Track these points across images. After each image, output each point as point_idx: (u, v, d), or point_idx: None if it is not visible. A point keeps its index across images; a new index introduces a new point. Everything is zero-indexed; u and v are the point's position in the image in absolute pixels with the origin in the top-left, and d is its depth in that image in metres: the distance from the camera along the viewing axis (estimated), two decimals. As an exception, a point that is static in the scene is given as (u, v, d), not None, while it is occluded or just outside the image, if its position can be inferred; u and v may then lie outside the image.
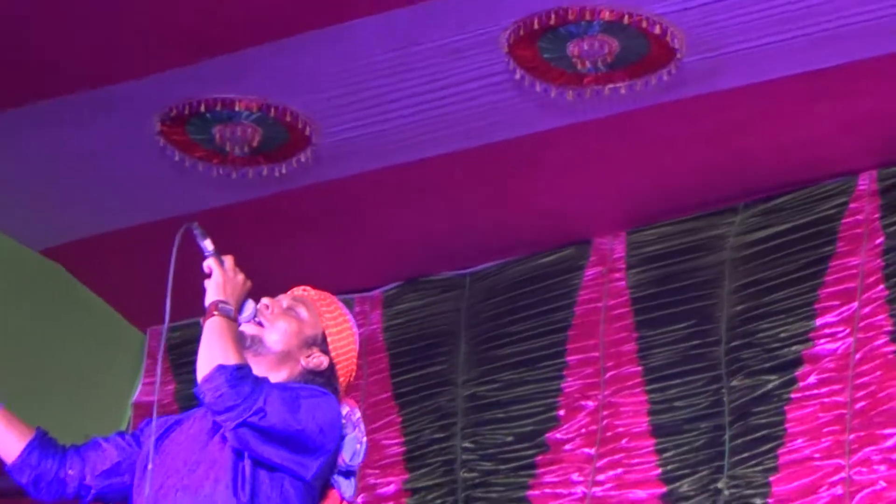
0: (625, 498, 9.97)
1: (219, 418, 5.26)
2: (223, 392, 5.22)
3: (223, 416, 5.23)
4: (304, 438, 5.36)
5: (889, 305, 9.51)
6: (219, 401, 5.21)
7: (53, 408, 10.28)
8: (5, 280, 10.74)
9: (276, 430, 5.27)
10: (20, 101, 9.32)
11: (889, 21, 8.57)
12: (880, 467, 9.27)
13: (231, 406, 5.18)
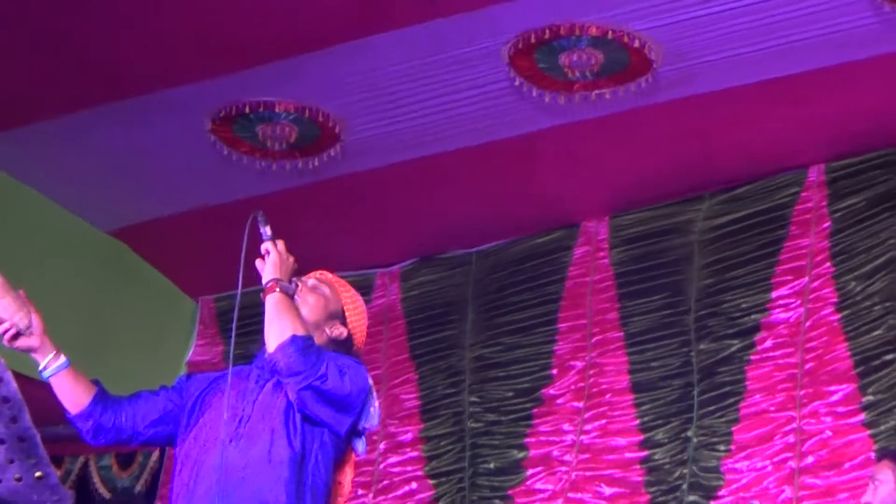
0: (608, 444, 10.03)
1: (288, 380, 5.40)
2: (295, 359, 5.37)
3: (292, 378, 5.39)
4: (347, 401, 5.50)
5: (834, 280, 9.60)
6: (291, 366, 5.37)
7: (119, 365, 10.29)
8: (77, 256, 10.78)
9: (330, 393, 5.42)
10: (95, 103, 9.37)
11: (835, 37, 8.65)
12: (826, 419, 9.38)
13: (299, 371, 5.35)
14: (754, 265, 9.96)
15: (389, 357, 11.01)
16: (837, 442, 9.22)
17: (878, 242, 9.55)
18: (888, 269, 9.45)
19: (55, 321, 10.32)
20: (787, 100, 9.26)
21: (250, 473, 5.43)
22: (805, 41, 8.76)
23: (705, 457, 9.70)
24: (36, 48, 8.96)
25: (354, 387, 5.50)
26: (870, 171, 9.74)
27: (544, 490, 10.13)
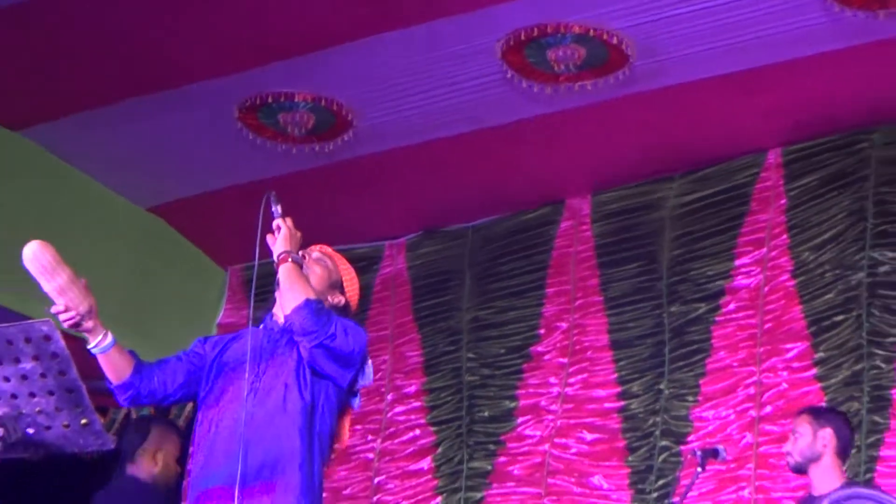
0: (589, 395, 10.07)
1: (301, 338, 5.54)
2: (308, 319, 5.49)
3: (306, 337, 5.53)
4: (351, 357, 5.63)
5: (790, 251, 9.64)
6: (304, 326, 5.51)
7: (158, 327, 10.38)
8: (118, 231, 10.76)
9: (338, 350, 5.55)
10: (137, 93, 9.41)
11: (790, 35, 8.68)
12: (783, 373, 9.43)
13: (312, 330, 5.49)
14: (719, 237, 9.99)
15: (396, 318, 11.02)
16: (793, 393, 9.26)
17: (829, 217, 9.58)
18: (837, 240, 9.47)
19: (100, 290, 10.43)
20: (747, 91, 9.28)
21: (267, 422, 5.54)
22: (763, 38, 8.77)
23: (676, 406, 9.73)
24: (86, 44, 8.99)
25: (357, 346, 5.64)
26: (822, 153, 9.75)
27: (533, 436, 10.17)
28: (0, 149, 9.91)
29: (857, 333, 9.22)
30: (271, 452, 5.50)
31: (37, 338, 5.02)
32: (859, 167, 9.57)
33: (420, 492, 10.48)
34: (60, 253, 9.31)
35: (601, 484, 9.85)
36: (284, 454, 5.50)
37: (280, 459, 5.49)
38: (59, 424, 5.18)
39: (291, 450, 5.50)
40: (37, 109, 9.71)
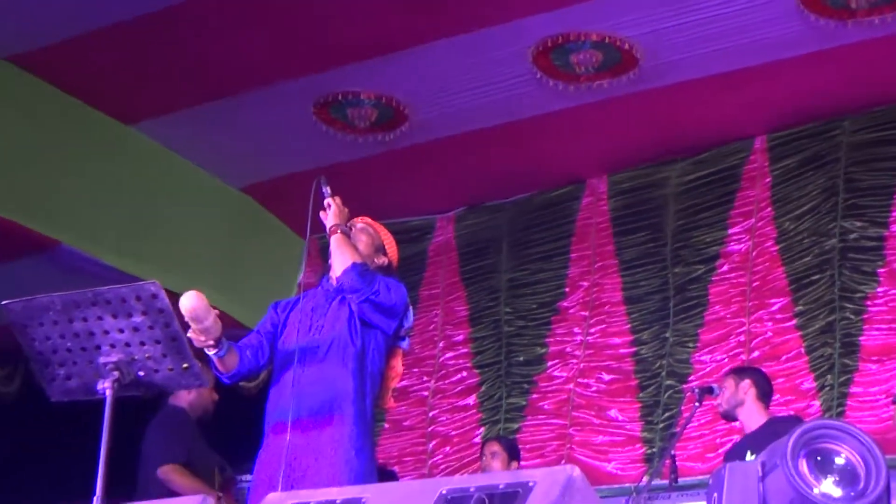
0: (607, 343, 10.12)
1: (351, 296, 5.67)
2: (355, 279, 5.61)
3: (355, 294, 5.66)
4: (394, 309, 5.74)
5: (774, 221, 9.67)
6: (353, 285, 5.62)
7: (249, 287, 10.53)
8: (216, 208, 10.80)
9: (382, 304, 5.66)
10: (233, 92, 9.51)
11: (773, 41, 8.75)
12: (768, 323, 9.48)
13: (359, 288, 5.61)
14: (714, 210, 10.00)
15: (446, 279, 11.04)
16: (776, 340, 9.34)
17: (806, 193, 9.61)
18: (813, 212, 9.50)
19: (201, 256, 10.53)
20: (737, 87, 9.27)
21: (325, 366, 5.65)
22: (750, 43, 8.80)
23: (678, 352, 9.78)
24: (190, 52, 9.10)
25: (398, 299, 5.76)
26: (800, 139, 9.76)
27: (560, 377, 10.22)
28: (116, 141, 9.95)
29: (831, 290, 9.24)
30: (330, 391, 5.61)
31: (146, 296, 5.05)
32: (832, 150, 9.56)
33: (467, 423, 10.50)
34: (170, 227, 9.40)
35: (617, 416, 9.89)
36: (340, 392, 5.61)
37: (337, 397, 5.60)
38: (165, 368, 5.21)
39: (345, 388, 5.61)
40: (148, 106, 9.78)
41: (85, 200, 9.71)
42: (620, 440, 9.82)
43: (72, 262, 9.56)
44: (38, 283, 5.89)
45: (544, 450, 10.01)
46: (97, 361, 5.18)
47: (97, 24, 8.74)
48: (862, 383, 8.92)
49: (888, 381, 8.74)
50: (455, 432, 10.55)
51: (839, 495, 3.73)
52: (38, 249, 9.51)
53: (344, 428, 5.57)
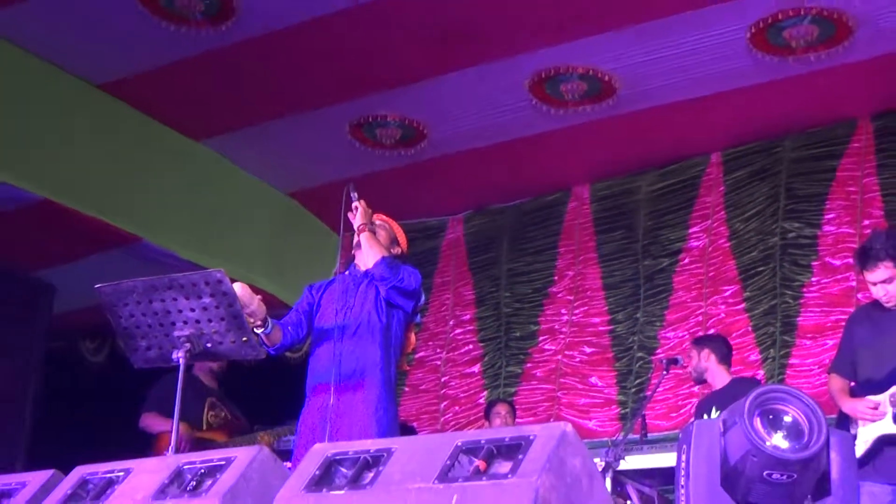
0: (589, 322, 10.05)
1: (381, 283, 5.68)
2: (385, 270, 5.63)
3: (384, 282, 5.68)
4: (413, 292, 5.78)
5: (726, 222, 9.59)
6: (383, 275, 5.65)
7: (294, 275, 10.38)
8: (265, 210, 10.77)
9: (405, 288, 5.68)
10: (280, 114, 9.52)
11: (726, 73, 8.69)
12: (721, 307, 9.41)
13: (388, 277, 5.64)
14: (678, 212, 9.92)
15: (456, 269, 10.97)
16: (728, 320, 9.27)
17: (753, 199, 9.53)
18: (759, 215, 9.43)
19: (252, 248, 10.47)
20: (698, 111, 9.22)
21: (357, 339, 5.66)
22: (709, 75, 8.76)
23: (648, 329, 9.72)
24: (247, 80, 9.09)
25: (416, 283, 5.80)
26: (749, 155, 9.67)
27: (549, 349, 10.17)
28: (186, 154, 9.98)
29: (773, 279, 9.19)
30: (361, 360, 5.63)
31: (212, 281, 5.07)
32: (775, 164, 9.50)
33: (472, 387, 10.46)
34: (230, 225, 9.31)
35: (596, 382, 9.85)
36: (370, 362, 5.63)
37: (367, 365, 5.62)
38: (228, 341, 5.23)
39: (374, 358, 5.65)
40: (213, 125, 9.80)
41: (161, 203, 9.76)
42: (600, 402, 9.76)
43: (151, 254, 9.61)
44: (123, 271, 5.94)
45: (536, 409, 9.95)
46: (172, 335, 5.20)
47: (170, 58, 8.78)
48: (799, 356, 8.89)
49: (820, 354, 8.70)
50: (463, 395, 10.51)
51: (787, 447, 3.71)
52: (123, 244, 9.56)
53: (373, 391, 5.60)
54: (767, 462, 3.65)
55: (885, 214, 8.86)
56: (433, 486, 3.43)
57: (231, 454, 3.98)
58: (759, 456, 3.65)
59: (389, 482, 3.53)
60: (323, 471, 3.70)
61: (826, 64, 8.47)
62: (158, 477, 4.04)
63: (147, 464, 4.23)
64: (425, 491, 3.42)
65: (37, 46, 8.73)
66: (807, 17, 8.02)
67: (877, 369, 5.67)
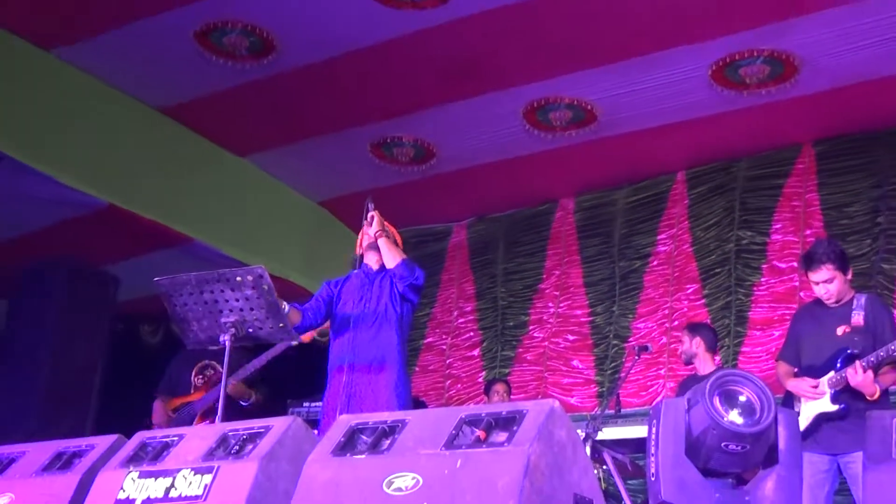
0: (572, 313, 9.98)
1: (401, 281, 5.65)
2: (404, 270, 5.61)
3: (402, 280, 5.65)
4: (421, 288, 5.75)
5: (690, 231, 9.55)
6: (402, 274, 5.63)
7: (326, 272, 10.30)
8: (299, 217, 10.73)
9: (417, 285, 5.65)
10: (312, 134, 9.50)
11: (689, 104, 8.69)
12: (685, 302, 9.38)
13: (406, 276, 5.61)
14: (648, 223, 9.86)
15: (459, 268, 10.91)
16: (690, 314, 9.21)
17: (713, 210, 9.49)
18: (717, 224, 9.40)
19: (288, 252, 10.44)
20: (665, 136, 9.19)
21: (375, 327, 5.66)
22: (676, 106, 8.74)
23: (622, 321, 9.67)
24: (281, 105, 9.08)
25: (423, 280, 5.78)
26: (709, 174, 9.63)
27: (538, 336, 10.12)
28: (231, 168, 9.99)
29: (728, 279, 9.16)
30: (381, 346, 5.63)
31: (254, 276, 5.07)
32: (731, 181, 9.47)
33: (473, 369, 10.42)
34: (269, 228, 9.25)
35: (578, 365, 9.80)
36: (387, 346, 5.63)
37: (387, 351, 5.62)
38: (267, 327, 5.21)
39: (391, 343, 5.64)
40: (254, 142, 9.79)
41: (210, 209, 9.77)
42: (580, 382, 9.73)
43: (201, 253, 9.62)
44: (177, 267, 5.92)
45: (527, 388, 9.90)
46: (220, 321, 5.20)
47: (220, 87, 8.83)
48: (750, 345, 8.88)
49: (768, 343, 8.69)
50: (464, 375, 10.47)
51: (741, 422, 3.71)
52: (178, 243, 9.59)
53: (392, 373, 5.59)
54: (725, 435, 3.65)
55: (825, 225, 8.84)
56: (441, 452, 3.44)
57: (269, 423, 3.98)
58: (718, 430, 3.65)
59: (404, 448, 3.55)
60: (347, 438, 3.72)
61: (775, 97, 8.48)
62: (207, 442, 4.04)
63: (198, 430, 4.23)
64: (434, 456, 3.44)
65: (106, 75, 8.78)
66: (759, 58, 8.04)
67: (817, 357, 5.68)
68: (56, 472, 4.39)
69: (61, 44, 8.33)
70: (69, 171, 8.61)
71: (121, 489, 3.99)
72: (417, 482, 3.36)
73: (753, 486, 3.76)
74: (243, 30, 8.06)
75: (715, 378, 3.76)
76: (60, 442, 4.63)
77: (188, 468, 3.89)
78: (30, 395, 8.92)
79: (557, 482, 3.35)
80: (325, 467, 3.61)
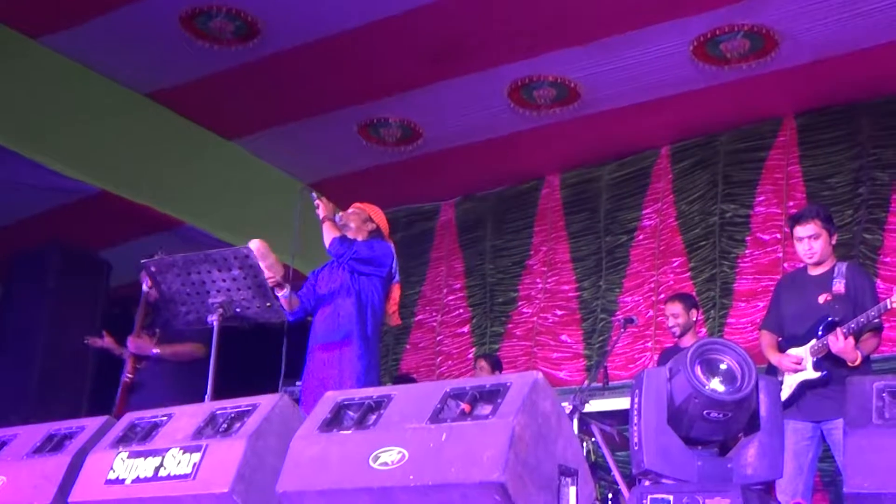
0: (559, 289, 9.96)
1: (338, 259, 5.74)
2: (338, 247, 5.68)
3: (340, 257, 5.71)
4: (374, 258, 5.79)
5: (674, 204, 9.52)
6: (336, 251, 5.72)
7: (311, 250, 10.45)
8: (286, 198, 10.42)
9: (362, 257, 5.69)
10: (298, 118, 9.51)
11: (673, 80, 8.66)
12: (670, 275, 9.37)
13: (342, 252, 5.68)
14: (633, 197, 9.82)
15: (448, 246, 10.87)
16: (676, 287, 9.13)
17: (696, 185, 9.46)
18: (701, 198, 9.37)
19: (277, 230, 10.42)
20: (649, 112, 9.13)
21: (332, 305, 5.79)
22: (658, 82, 8.69)
23: (608, 295, 9.66)
24: (273, 93, 9.05)
25: (380, 252, 5.85)
26: (692, 148, 9.58)
27: (527, 312, 10.10)
28: (220, 150, 9.98)
29: (713, 252, 9.15)
30: (339, 321, 5.73)
31: (241, 256, 5.10)
32: (714, 156, 9.44)
33: (463, 345, 10.42)
34: (257, 209, 9.25)
35: (566, 339, 9.80)
36: (345, 321, 5.71)
37: (344, 324, 5.71)
38: (255, 306, 5.24)
39: (349, 317, 5.71)
40: (242, 125, 9.76)
41: (200, 193, 9.74)
42: (569, 356, 9.73)
43: (191, 235, 9.59)
44: (168, 251, 5.90)
45: (516, 363, 9.90)
46: (207, 302, 5.21)
47: (206, 71, 8.80)
48: (735, 316, 8.88)
49: (753, 314, 8.68)
50: (455, 351, 10.47)
51: (722, 390, 3.69)
52: (168, 227, 9.59)
53: (353, 347, 5.67)
54: (706, 403, 3.63)
55: (807, 197, 8.82)
56: (426, 426, 3.44)
57: (256, 401, 3.97)
58: (700, 398, 3.63)
59: (389, 423, 3.55)
60: (333, 414, 3.73)
61: (756, 72, 8.45)
62: (195, 420, 4.03)
63: (186, 409, 4.22)
64: (420, 430, 3.44)
65: (93, 61, 8.76)
66: (739, 33, 8.01)
67: (799, 325, 5.70)
68: (47, 453, 4.39)
69: (48, 32, 8.29)
70: (59, 157, 8.63)
71: (111, 469, 3.99)
72: (403, 456, 3.36)
73: (736, 453, 3.75)
74: (228, 14, 8.02)
75: (695, 347, 3.75)
76: (51, 424, 4.62)
77: (177, 447, 3.88)
78: (25, 380, 8.94)
79: (542, 453, 3.35)
80: (313, 443, 3.61)
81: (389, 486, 3.33)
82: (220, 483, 3.66)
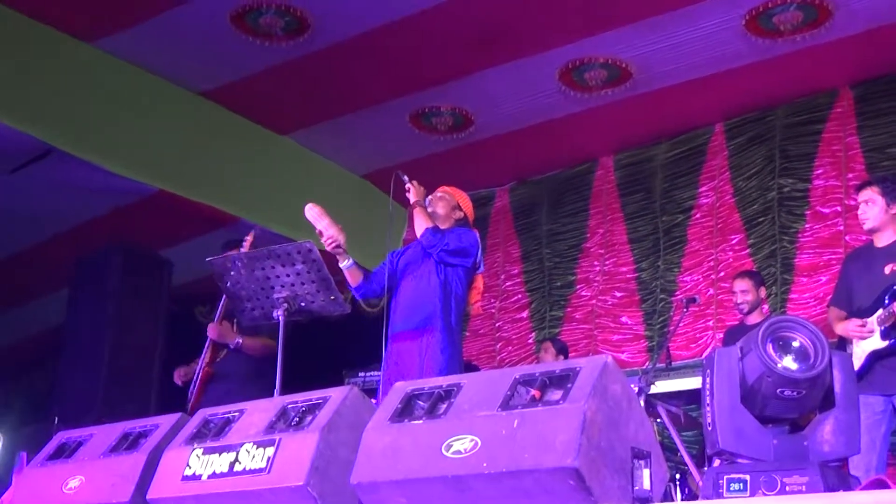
0: (618, 270, 9.90)
1: (430, 250, 5.69)
2: (430, 238, 5.61)
3: (432, 248, 5.65)
4: (465, 249, 5.75)
5: (731, 181, 9.40)
6: (429, 241, 5.64)
7: (371, 243, 10.44)
8: (343, 190, 10.68)
9: (453, 249, 5.63)
10: (352, 109, 9.53)
11: (725, 56, 8.55)
12: (729, 252, 9.24)
13: (435, 244, 5.62)
14: (689, 175, 9.73)
15: (504, 231, 10.86)
16: (736, 264, 9.06)
17: (752, 161, 9.32)
18: (758, 174, 9.23)
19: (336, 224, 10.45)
20: (702, 89, 9.04)
21: (421, 293, 5.72)
22: (711, 58, 8.61)
23: (667, 275, 9.59)
24: (323, 87, 9.06)
25: (467, 242, 5.81)
26: (747, 123, 9.45)
27: (586, 295, 10.07)
28: (275, 146, 10.02)
29: (773, 228, 9.04)
30: (424, 310, 5.69)
31: (304, 251, 5.13)
32: (769, 130, 9.33)
33: (522, 330, 10.41)
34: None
35: (627, 321, 9.75)
36: (430, 310, 5.69)
37: (429, 314, 5.68)
38: (319, 300, 5.28)
39: (434, 308, 5.68)
40: (296, 120, 9.82)
41: (256, 188, 9.79)
42: (630, 338, 9.68)
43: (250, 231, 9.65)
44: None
45: (577, 346, 9.85)
46: (272, 297, 5.24)
47: (257, 68, 8.86)
48: (797, 291, 8.78)
49: (815, 289, 8.61)
50: (514, 337, 10.45)
51: (795, 368, 3.65)
52: (225, 223, 9.64)
53: (435, 334, 5.64)
54: (780, 381, 3.59)
55: (867, 168, 8.70)
56: (497, 413, 3.42)
57: (326, 394, 3.98)
58: (773, 376, 3.59)
59: (460, 411, 3.54)
60: (404, 404, 3.73)
61: (810, 43, 8.34)
62: (267, 415, 4.05)
63: (258, 404, 4.24)
64: (491, 417, 3.42)
65: (147, 63, 8.85)
66: (792, 5, 7.91)
67: (867, 298, 5.67)
68: (123, 452, 4.44)
69: (101, 35, 8.40)
70: (117, 159, 8.69)
71: (187, 465, 4.02)
72: (476, 444, 3.35)
73: (811, 430, 3.70)
74: (277, 10, 8.07)
75: (767, 325, 3.70)
76: (126, 423, 4.67)
77: (250, 442, 3.91)
78: (94, 382, 9.04)
79: (614, 436, 3.33)
80: (384, 434, 3.61)
81: (463, 474, 3.32)
82: (296, 476, 3.68)
